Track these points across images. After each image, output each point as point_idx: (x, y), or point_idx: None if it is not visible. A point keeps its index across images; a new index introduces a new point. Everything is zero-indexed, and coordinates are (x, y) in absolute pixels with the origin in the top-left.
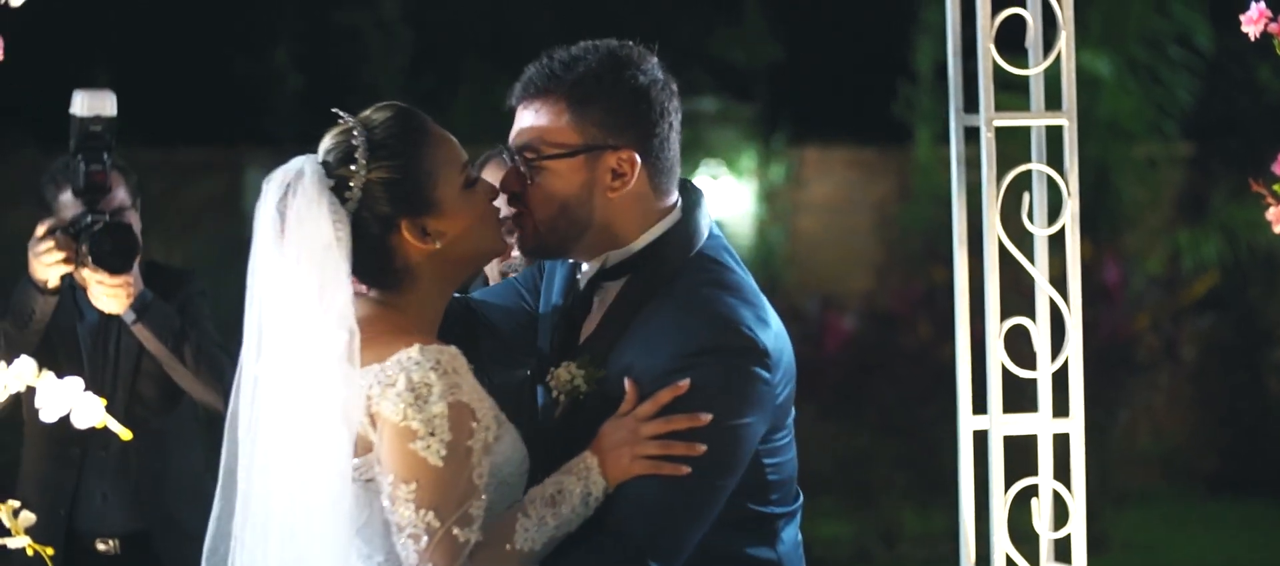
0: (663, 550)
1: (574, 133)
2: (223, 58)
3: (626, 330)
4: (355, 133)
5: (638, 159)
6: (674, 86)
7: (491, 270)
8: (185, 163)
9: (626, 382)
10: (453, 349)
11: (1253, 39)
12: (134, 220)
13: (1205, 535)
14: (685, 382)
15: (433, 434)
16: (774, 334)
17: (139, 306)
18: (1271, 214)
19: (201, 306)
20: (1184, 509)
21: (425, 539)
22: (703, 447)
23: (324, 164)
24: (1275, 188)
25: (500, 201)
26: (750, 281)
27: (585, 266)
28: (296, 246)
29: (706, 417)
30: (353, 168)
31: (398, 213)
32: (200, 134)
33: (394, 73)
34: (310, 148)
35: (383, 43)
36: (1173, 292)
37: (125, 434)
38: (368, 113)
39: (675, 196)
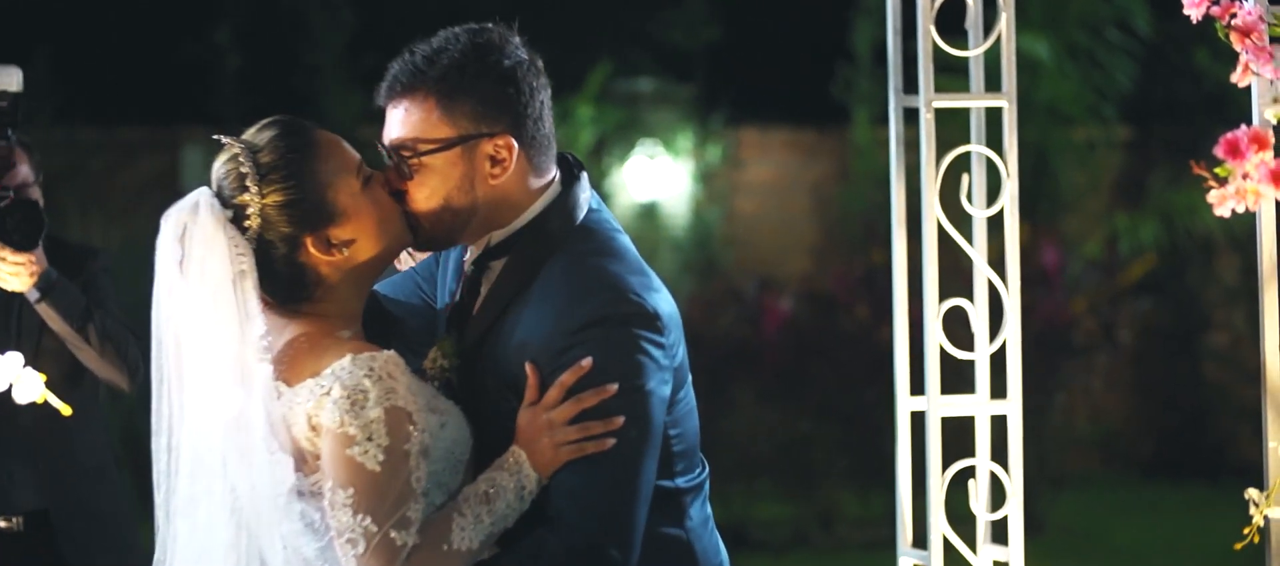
0: (614, 533)
1: (447, 126)
2: (164, 37)
3: (509, 308)
4: (241, 158)
5: (515, 143)
6: (539, 64)
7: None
8: (126, 141)
9: (528, 368)
10: (387, 353)
11: (1194, 22)
12: (37, 196)
13: (1142, 518)
14: (587, 361)
15: (370, 439)
16: (662, 297)
17: (43, 285)
18: (1212, 196)
19: (106, 284)
20: (1121, 492)
21: (362, 544)
22: (620, 419)
23: (218, 195)
24: (1217, 170)
25: None
26: (634, 250)
27: (471, 253)
28: (200, 283)
29: (613, 387)
30: (247, 195)
31: (300, 231)
32: (141, 113)
33: (336, 52)
34: (250, 127)
35: (325, 22)
36: (1111, 276)
37: (66, 409)
38: (251, 133)
39: (554, 171)
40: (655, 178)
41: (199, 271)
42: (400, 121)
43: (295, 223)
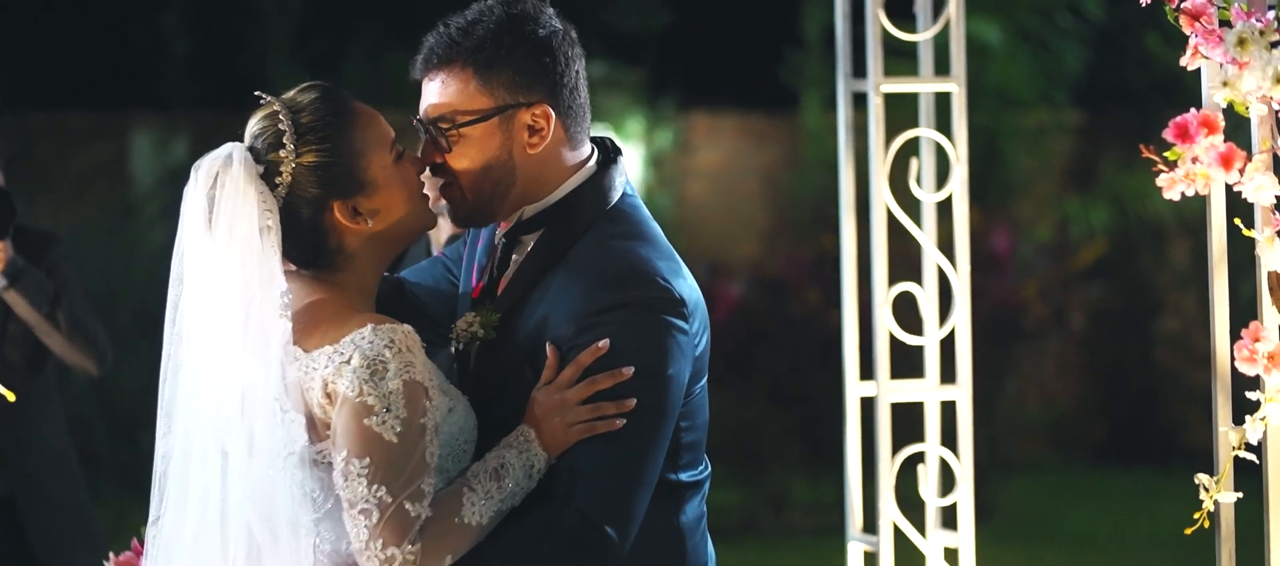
0: (614, 514)
1: (484, 96)
2: (112, 22)
3: (538, 281)
4: (281, 116)
5: (552, 112)
6: (573, 34)
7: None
8: (74, 127)
9: (548, 348)
10: (406, 327)
11: (1144, 4)
12: (0, 182)
13: (1092, 503)
14: (604, 343)
15: (388, 410)
16: (689, 285)
17: (11, 272)
18: (1162, 180)
19: (68, 270)
20: (1071, 477)
21: (376, 514)
22: (633, 402)
23: (252, 150)
24: (1166, 154)
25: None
26: (664, 237)
27: (502, 227)
28: (227, 235)
29: (629, 371)
30: (282, 153)
31: (329, 195)
32: (89, 99)
33: (283, 38)
34: (199, 113)
35: (272, 7)
36: (1061, 260)
37: (9, 395)
38: (292, 94)
39: (590, 149)
40: None
41: (228, 223)
42: (437, 93)
43: (325, 186)
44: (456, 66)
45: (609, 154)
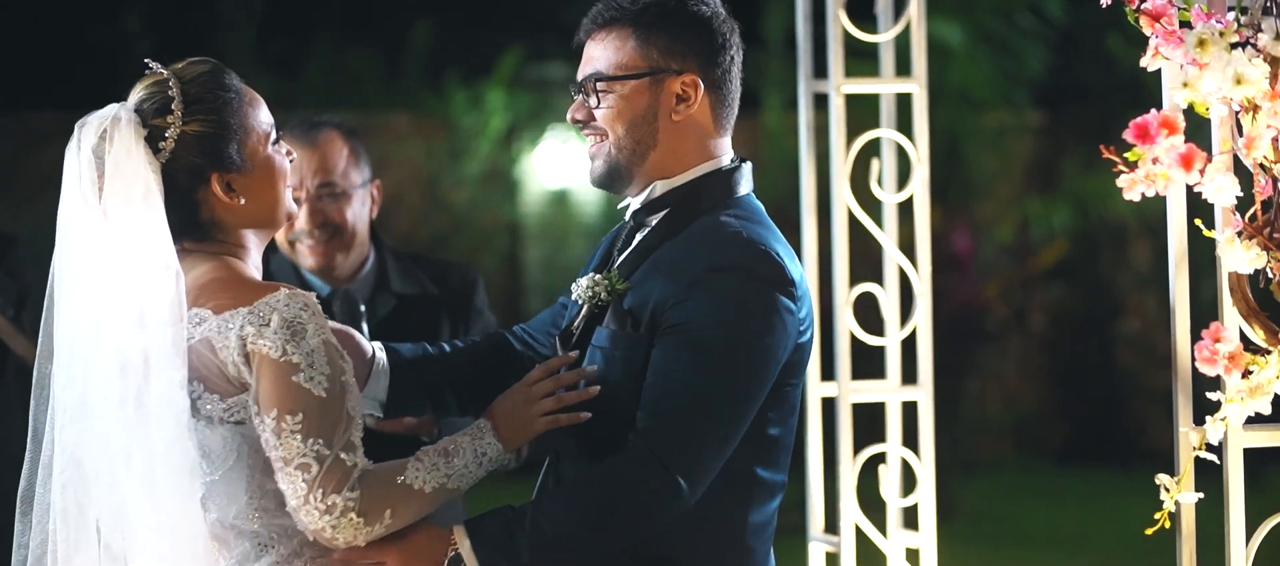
0: (683, 463)
1: (639, 58)
2: (74, 22)
3: (653, 252)
4: (171, 84)
5: (701, 83)
6: (735, 23)
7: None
8: (35, 128)
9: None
10: (312, 295)
11: (1104, 5)
12: None
13: (1054, 504)
14: (574, 354)
15: (312, 366)
16: (800, 272)
17: None
18: (1123, 181)
19: (30, 272)
20: (1033, 478)
21: (315, 467)
22: (597, 390)
23: (138, 112)
24: (1127, 155)
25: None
26: (779, 232)
27: (634, 204)
28: (118, 194)
29: (595, 390)
30: (168, 119)
31: (209, 167)
32: (51, 99)
33: (245, 39)
34: None
35: (234, 8)
36: (1022, 261)
37: None
38: (181, 66)
39: (730, 151)
40: (566, 164)
41: (115, 182)
42: (597, 52)
43: (207, 157)
44: (617, 27)
45: (742, 159)
